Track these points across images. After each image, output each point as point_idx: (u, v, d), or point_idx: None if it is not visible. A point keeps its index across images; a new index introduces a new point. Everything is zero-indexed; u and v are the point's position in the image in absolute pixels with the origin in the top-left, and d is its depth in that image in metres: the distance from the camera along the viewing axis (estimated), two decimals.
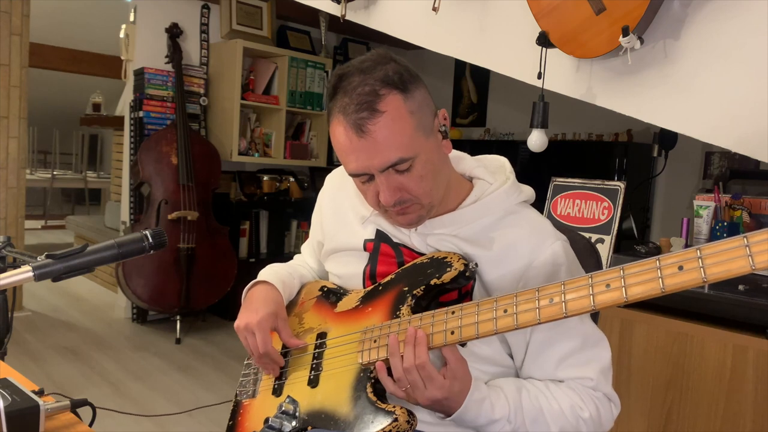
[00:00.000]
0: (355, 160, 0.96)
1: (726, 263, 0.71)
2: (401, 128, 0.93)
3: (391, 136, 0.93)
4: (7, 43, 3.68)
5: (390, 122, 0.93)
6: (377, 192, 0.98)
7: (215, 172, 3.90)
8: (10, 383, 1.02)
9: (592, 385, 1.00)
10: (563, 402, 0.97)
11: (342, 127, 0.95)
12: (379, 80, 0.93)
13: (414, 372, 0.91)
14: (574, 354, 1.00)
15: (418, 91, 0.96)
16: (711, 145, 1.88)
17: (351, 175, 1.00)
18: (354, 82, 0.94)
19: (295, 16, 4.51)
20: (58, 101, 7.68)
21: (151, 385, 3.03)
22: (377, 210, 1.05)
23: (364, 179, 0.99)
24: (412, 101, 0.95)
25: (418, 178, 0.97)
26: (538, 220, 1.07)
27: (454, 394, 0.92)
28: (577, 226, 2.10)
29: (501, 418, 0.95)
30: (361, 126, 0.92)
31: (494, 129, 4.61)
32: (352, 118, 0.93)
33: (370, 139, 0.93)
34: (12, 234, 3.78)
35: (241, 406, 1.16)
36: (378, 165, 0.94)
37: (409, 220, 1.02)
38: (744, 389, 1.69)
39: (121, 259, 0.90)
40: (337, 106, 0.95)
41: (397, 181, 0.96)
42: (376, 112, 0.92)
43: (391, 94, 0.93)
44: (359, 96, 0.93)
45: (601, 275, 0.80)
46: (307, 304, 1.19)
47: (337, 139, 0.97)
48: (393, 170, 0.95)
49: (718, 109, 1.41)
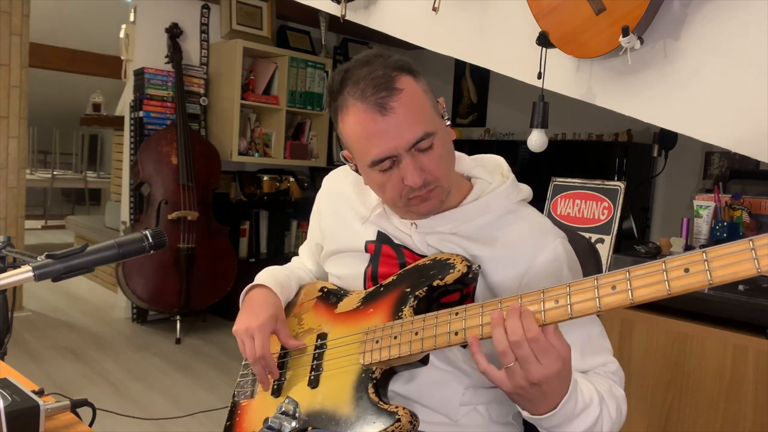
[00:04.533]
0: (379, 143, 0.95)
1: (732, 266, 0.71)
2: (420, 104, 0.96)
3: (413, 111, 0.95)
4: (7, 43, 3.68)
5: (410, 99, 0.95)
6: (400, 179, 0.97)
7: (215, 172, 3.90)
8: (10, 383, 1.02)
9: (614, 369, 1.01)
10: (603, 385, 0.96)
11: (362, 112, 0.95)
12: (388, 66, 0.96)
13: (525, 346, 0.81)
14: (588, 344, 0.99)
15: (421, 77, 1.00)
16: (711, 145, 1.88)
17: (373, 163, 0.97)
18: (363, 72, 0.96)
19: (295, 16, 4.51)
20: (58, 101, 7.67)
21: (151, 385, 3.03)
22: (398, 202, 1.02)
23: (386, 166, 0.97)
24: (421, 82, 0.98)
25: (438, 157, 0.98)
26: (538, 219, 1.08)
27: (566, 373, 0.84)
28: (577, 226, 2.10)
29: (591, 402, 0.89)
30: (384, 105, 0.93)
31: (494, 129, 4.61)
32: (372, 99, 0.94)
33: (395, 116, 0.93)
34: (12, 234, 3.78)
35: (239, 407, 1.16)
36: (405, 142, 0.94)
37: (430, 207, 1.01)
38: (744, 389, 1.69)
39: (121, 259, 0.90)
40: (351, 95, 0.96)
41: (420, 162, 0.96)
42: (395, 89, 0.94)
43: (403, 74, 0.96)
44: (374, 80, 0.94)
45: (607, 277, 0.80)
46: (307, 305, 1.19)
47: (356, 128, 0.96)
48: (416, 150, 0.96)
49: (718, 109, 1.41)
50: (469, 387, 1.04)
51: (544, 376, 0.81)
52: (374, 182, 1.02)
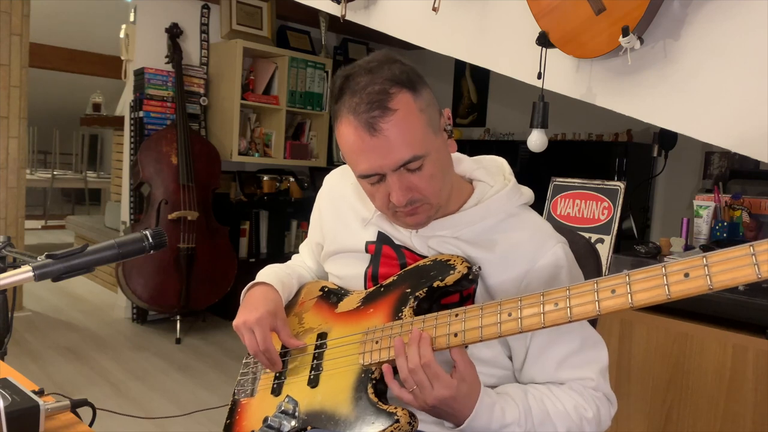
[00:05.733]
0: (366, 161, 0.95)
1: (732, 271, 0.71)
2: (413, 126, 0.94)
3: (403, 134, 0.92)
4: (7, 43, 3.68)
5: (402, 120, 0.92)
6: (387, 193, 0.97)
7: (215, 172, 3.90)
8: (10, 383, 1.02)
9: (593, 385, 1.00)
10: (567, 403, 0.97)
11: (352, 128, 0.94)
12: (388, 79, 0.93)
13: (420, 371, 0.89)
14: (574, 355, 1.00)
15: (425, 91, 0.97)
16: (711, 145, 1.88)
17: (361, 176, 0.99)
18: (362, 82, 0.94)
19: (295, 16, 4.51)
20: (58, 101, 7.67)
21: (151, 385, 3.03)
22: (386, 212, 1.04)
23: (374, 180, 0.98)
24: (420, 100, 0.95)
25: (429, 177, 0.96)
26: (539, 223, 1.07)
27: (462, 395, 0.90)
28: (576, 226, 2.10)
29: (512, 422, 0.94)
30: (373, 125, 0.92)
31: (494, 129, 4.61)
32: (363, 117, 0.92)
33: (383, 138, 0.92)
34: (12, 234, 3.78)
35: (239, 405, 1.16)
36: (391, 164, 0.94)
37: (418, 221, 1.02)
38: (744, 389, 1.69)
39: (121, 259, 0.90)
40: (346, 106, 0.95)
41: (408, 181, 0.96)
42: (387, 110, 0.92)
43: (401, 92, 0.93)
44: (369, 95, 0.92)
45: (607, 281, 0.79)
46: (307, 304, 1.19)
47: (347, 140, 0.96)
48: (404, 169, 0.95)
49: (718, 109, 1.41)
50: None
51: (438, 399, 0.89)
52: (365, 190, 1.03)
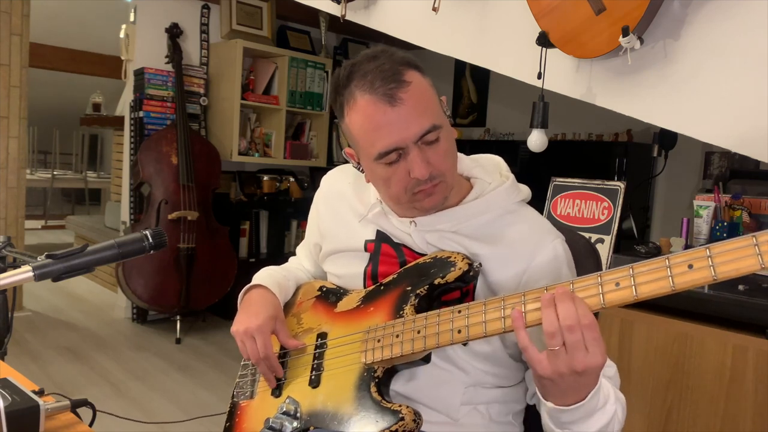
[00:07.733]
0: (387, 135, 0.95)
1: (736, 261, 0.71)
2: (428, 97, 0.98)
3: (421, 103, 0.96)
4: (7, 43, 3.68)
5: (418, 91, 0.96)
6: (406, 172, 0.97)
7: (215, 172, 3.90)
8: (10, 383, 1.02)
9: (611, 373, 0.99)
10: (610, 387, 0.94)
11: (370, 104, 0.95)
12: (395, 60, 0.97)
13: (578, 331, 0.79)
14: None
15: (426, 74, 1.01)
16: (711, 145, 1.88)
17: (379, 156, 0.97)
18: (371, 66, 0.97)
19: (295, 16, 4.51)
20: (58, 101, 7.67)
21: (151, 385, 3.03)
22: (402, 198, 1.02)
23: (392, 158, 0.97)
24: (427, 78, 1.00)
25: (444, 152, 0.99)
26: (538, 219, 1.08)
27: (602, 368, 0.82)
28: (576, 226, 2.10)
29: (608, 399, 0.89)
30: (392, 95, 0.94)
31: (494, 129, 4.61)
32: (380, 90, 0.94)
33: (404, 108, 0.94)
34: (12, 234, 3.78)
35: (238, 408, 1.15)
36: (413, 134, 0.95)
37: (434, 202, 1.02)
38: (744, 389, 1.69)
39: (121, 259, 0.89)
40: (359, 88, 0.97)
41: (427, 155, 0.97)
42: (403, 82, 0.95)
43: (410, 69, 0.97)
44: (382, 72, 0.95)
45: (611, 274, 0.80)
46: (306, 305, 1.19)
47: (364, 119, 0.97)
48: (422, 143, 0.96)
49: (718, 109, 1.41)
50: (470, 386, 1.04)
51: (588, 366, 0.79)
52: (379, 177, 1.02)
